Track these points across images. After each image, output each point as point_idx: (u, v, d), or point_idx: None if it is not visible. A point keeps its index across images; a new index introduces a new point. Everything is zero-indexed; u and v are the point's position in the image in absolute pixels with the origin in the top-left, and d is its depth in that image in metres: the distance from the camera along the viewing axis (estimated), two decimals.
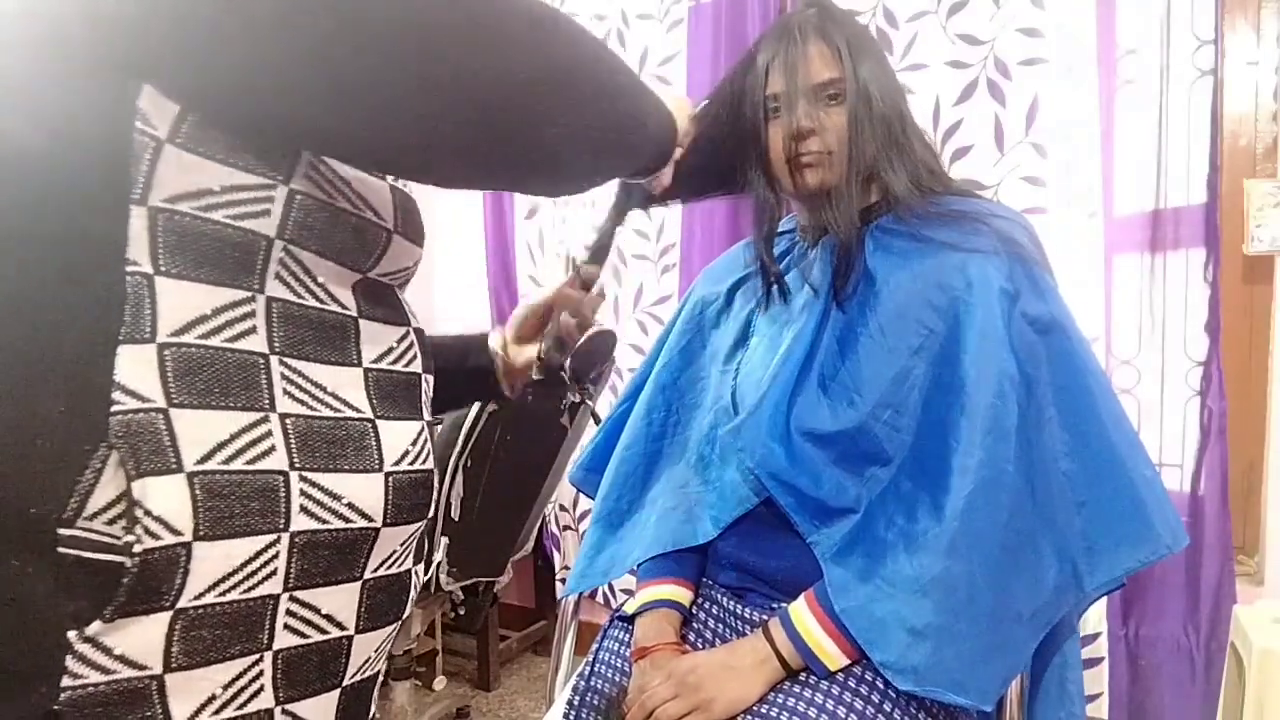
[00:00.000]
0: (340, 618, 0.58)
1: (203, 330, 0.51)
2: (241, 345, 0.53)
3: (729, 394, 0.97)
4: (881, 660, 0.78)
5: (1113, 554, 0.82)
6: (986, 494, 0.79)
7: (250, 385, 0.53)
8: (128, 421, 0.48)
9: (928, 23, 1.79)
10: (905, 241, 0.89)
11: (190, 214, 0.50)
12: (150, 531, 0.48)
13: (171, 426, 0.49)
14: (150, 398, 0.49)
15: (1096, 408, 0.84)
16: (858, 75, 0.88)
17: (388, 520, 0.60)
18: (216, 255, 0.52)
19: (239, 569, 0.52)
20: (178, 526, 0.49)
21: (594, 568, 1.06)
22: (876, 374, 0.86)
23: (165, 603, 0.49)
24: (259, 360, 0.54)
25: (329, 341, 0.58)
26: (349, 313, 0.60)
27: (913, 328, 0.86)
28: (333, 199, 0.57)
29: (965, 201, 0.92)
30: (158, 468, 0.48)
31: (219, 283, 0.52)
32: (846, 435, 0.86)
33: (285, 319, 0.55)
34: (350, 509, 0.57)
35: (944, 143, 1.78)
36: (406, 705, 1.96)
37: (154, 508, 0.48)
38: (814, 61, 0.89)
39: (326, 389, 0.58)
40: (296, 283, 0.56)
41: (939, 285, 0.86)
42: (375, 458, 0.59)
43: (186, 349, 0.51)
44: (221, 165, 0.51)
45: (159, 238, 0.50)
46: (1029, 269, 0.86)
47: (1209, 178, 1.58)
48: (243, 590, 0.52)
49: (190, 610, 0.50)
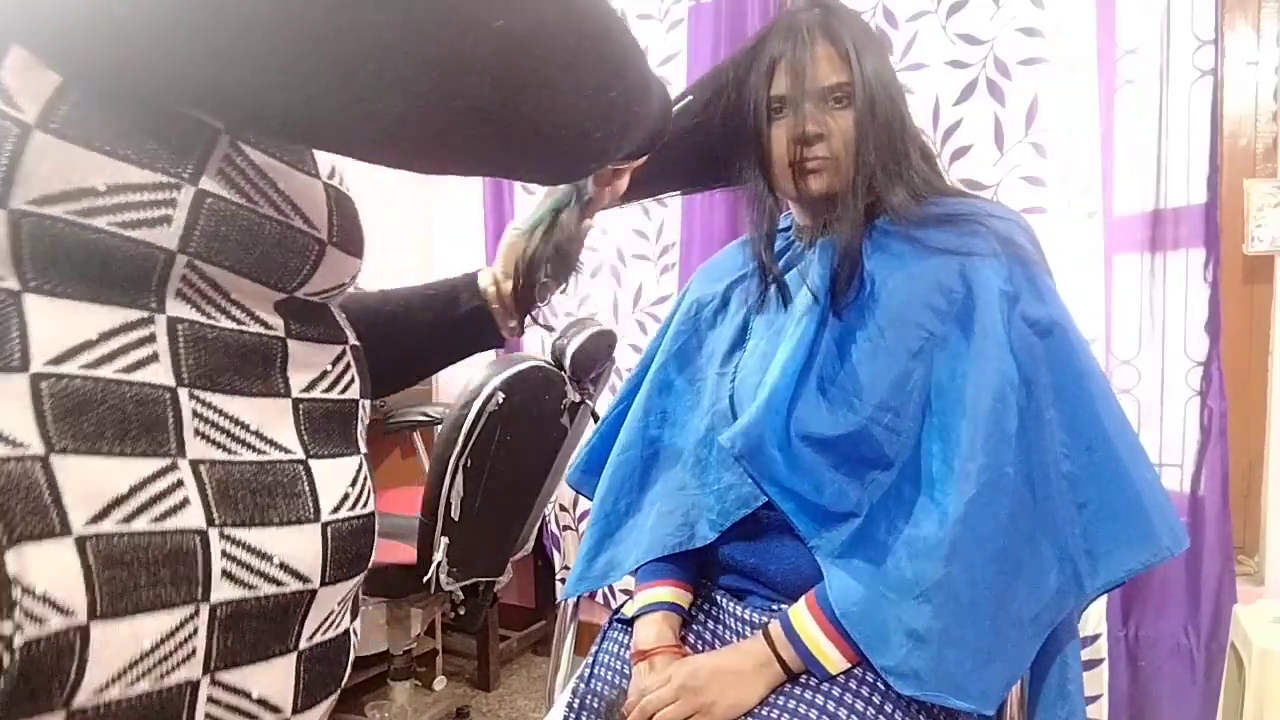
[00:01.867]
0: (275, 700, 0.49)
1: (88, 359, 0.42)
2: (139, 376, 0.43)
3: (727, 398, 0.96)
4: (883, 664, 0.78)
5: (1114, 556, 0.82)
6: (987, 498, 0.78)
7: (153, 426, 0.44)
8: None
9: (927, 22, 1.78)
10: (903, 243, 0.89)
11: (66, 220, 0.41)
12: (32, 615, 0.38)
13: (53, 478, 0.39)
14: (23, 442, 0.39)
15: (1096, 410, 0.84)
16: (865, 79, 0.87)
17: (326, 579, 0.51)
18: (100, 270, 0.42)
19: (149, 652, 0.42)
20: (67, 605, 0.39)
21: (591, 571, 1.05)
22: (876, 377, 0.85)
23: (55, 701, 0.39)
24: (163, 395, 0.44)
25: (249, 369, 0.49)
26: (274, 333, 0.50)
27: (912, 330, 0.85)
28: (253, 203, 0.47)
29: (963, 203, 0.92)
30: (37, 531, 0.38)
31: (106, 301, 0.43)
32: (847, 439, 0.86)
33: (194, 343, 0.46)
34: (282, 570, 0.48)
35: (944, 143, 1.78)
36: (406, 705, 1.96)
37: (35, 583, 0.38)
38: (822, 64, 0.88)
39: (249, 427, 0.48)
40: (205, 301, 0.46)
41: (938, 287, 0.85)
42: (310, 506, 0.50)
43: (68, 381, 0.41)
44: (108, 158, 0.41)
45: (24, 246, 0.40)
46: (1028, 270, 0.86)
47: (1209, 178, 1.58)
48: (154, 679, 0.43)
49: (90, 710, 0.41)
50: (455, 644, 2.44)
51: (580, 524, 2.37)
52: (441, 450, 1.72)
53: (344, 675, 0.55)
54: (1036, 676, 0.88)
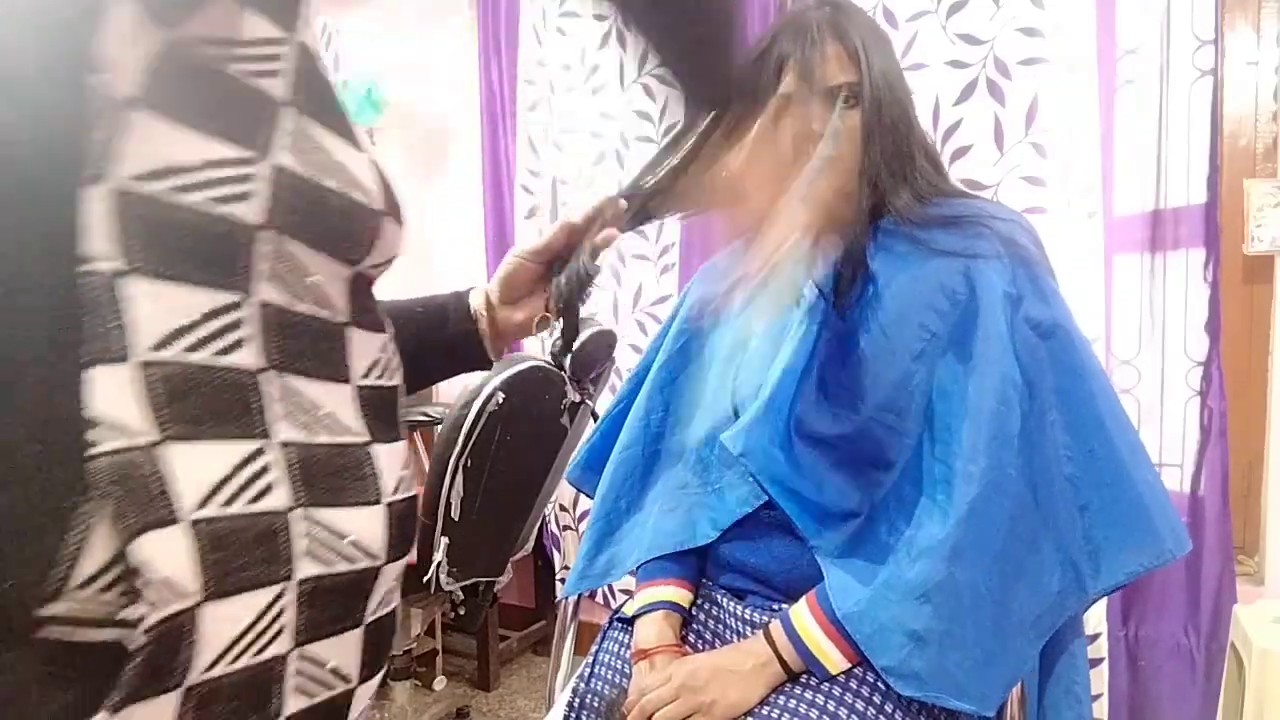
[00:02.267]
0: (345, 670, 0.52)
1: (189, 342, 0.42)
2: (232, 359, 0.44)
3: (729, 397, 0.96)
4: (883, 665, 0.78)
5: (1116, 558, 0.82)
6: (989, 499, 0.78)
7: (245, 409, 0.45)
8: (114, 464, 0.39)
9: (928, 22, 1.79)
10: (907, 244, 0.89)
11: (160, 196, 0.41)
12: (157, 599, 0.40)
13: (164, 465, 0.41)
14: (137, 431, 0.40)
15: (1099, 412, 0.84)
16: (873, 79, 0.87)
17: (389, 556, 0.53)
18: (193, 248, 0.42)
19: (248, 630, 0.44)
20: (184, 588, 0.41)
21: (593, 569, 1.05)
22: (878, 377, 0.85)
23: (174, 681, 0.41)
24: (253, 378, 0.45)
25: (321, 354, 0.50)
26: (339, 319, 0.52)
27: (914, 331, 0.85)
28: (317, 175, 0.48)
29: (967, 204, 0.92)
30: (156, 519, 0.40)
31: (201, 283, 0.43)
32: (848, 439, 0.86)
33: (279, 327, 0.47)
34: (355, 547, 0.50)
35: (944, 143, 1.78)
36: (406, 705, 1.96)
37: (158, 569, 0.40)
38: (831, 63, 0.88)
39: (324, 410, 0.50)
40: (288, 283, 0.48)
41: (941, 289, 0.85)
42: (375, 488, 0.52)
43: (173, 367, 0.41)
44: (197, 133, 0.42)
45: (126, 227, 0.40)
46: (1032, 272, 0.86)
47: (1209, 178, 1.58)
48: (253, 654, 0.45)
49: (201, 686, 0.42)
50: (455, 644, 2.44)
51: (580, 524, 2.37)
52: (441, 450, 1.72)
53: (390, 650, 0.57)
54: (1043, 677, 0.88)
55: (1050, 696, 0.87)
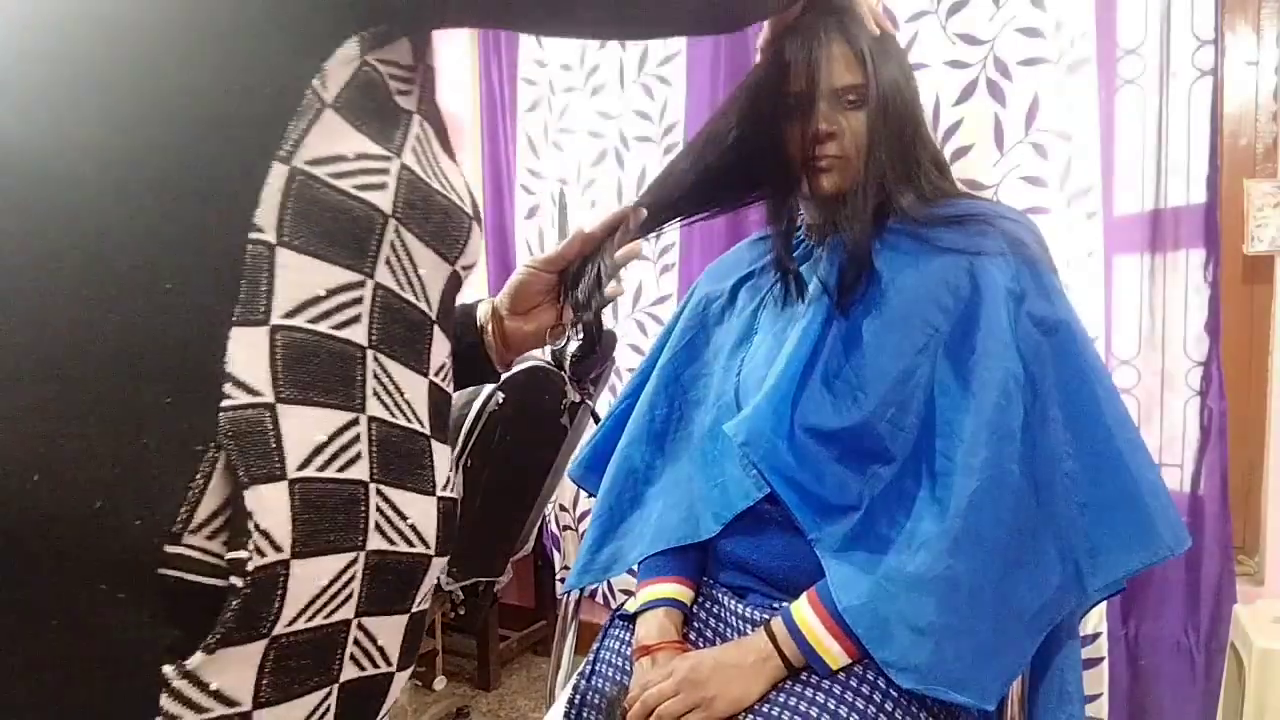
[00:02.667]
0: (389, 652, 0.54)
1: (314, 313, 0.46)
2: (345, 334, 0.48)
3: (732, 390, 0.96)
4: (884, 658, 0.78)
5: (1115, 555, 0.82)
6: (990, 493, 0.79)
7: (348, 381, 0.48)
8: (237, 418, 0.42)
9: (928, 22, 1.79)
10: (912, 242, 0.90)
11: (323, 179, 0.47)
12: (258, 548, 0.42)
13: (278, 425, 0.44)
14: (260, 390, 0.43)
15: (1100, 409, 0.84)
16: (880, 82, 0.88)
17: (438, 549, 0.55)
18: (335, 229, 0.47)
19: (324, 590, 0.46)
20: (280, 542, 0.43)
21: (595, 564, 1.05)
22: (881, 372, 0.86)
23: (263, 630, 0.43)
24: (358, 352, 0.49)
25: (412, 343, 0.54)
26: (430, 314, 0.55)
27: (918, 327, 0.86)
28: (428, 177, 0.53)
29: (973, 204, 0.93)
30: (265, 474, 0.43)
31: (336, 261, 0.47)
32: (850, 432, 0.86)
33: (386, 311, 0.51)
34: (413, 531, 0.52)
35: (944, 143, 1.78)
36: (406, 705, 1.96)
37: (261, 520, 0.42)
38: (837, 63, 0.88)
39: (404, 394, 0.53)
40: (401, 271, 0.52)
41: (945, 285, 0.86)
42: (431, 479, 0.54)
43: (297, 334, 0.45)
44: (357, 132, 0.48)
45: (290, 202, 0.45)
46: (1035, 270, 0.86)
47: (1209, 178, 1.58)
48: (325, 615, 0.47)
49: (283, 638, 0.45)
50: (455, 644, 2.44)
51: (580, 524, 2.37)
52: None
53: (419, 647, 0.59)
54: (1036, 676, 0.88)
55: (1043, 695, 0.87)
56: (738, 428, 0.88)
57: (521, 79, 2.38)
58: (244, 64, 0.45)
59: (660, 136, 2.15)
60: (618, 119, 2.21)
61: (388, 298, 0.51)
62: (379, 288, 0.50)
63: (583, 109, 2.25)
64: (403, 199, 0.50)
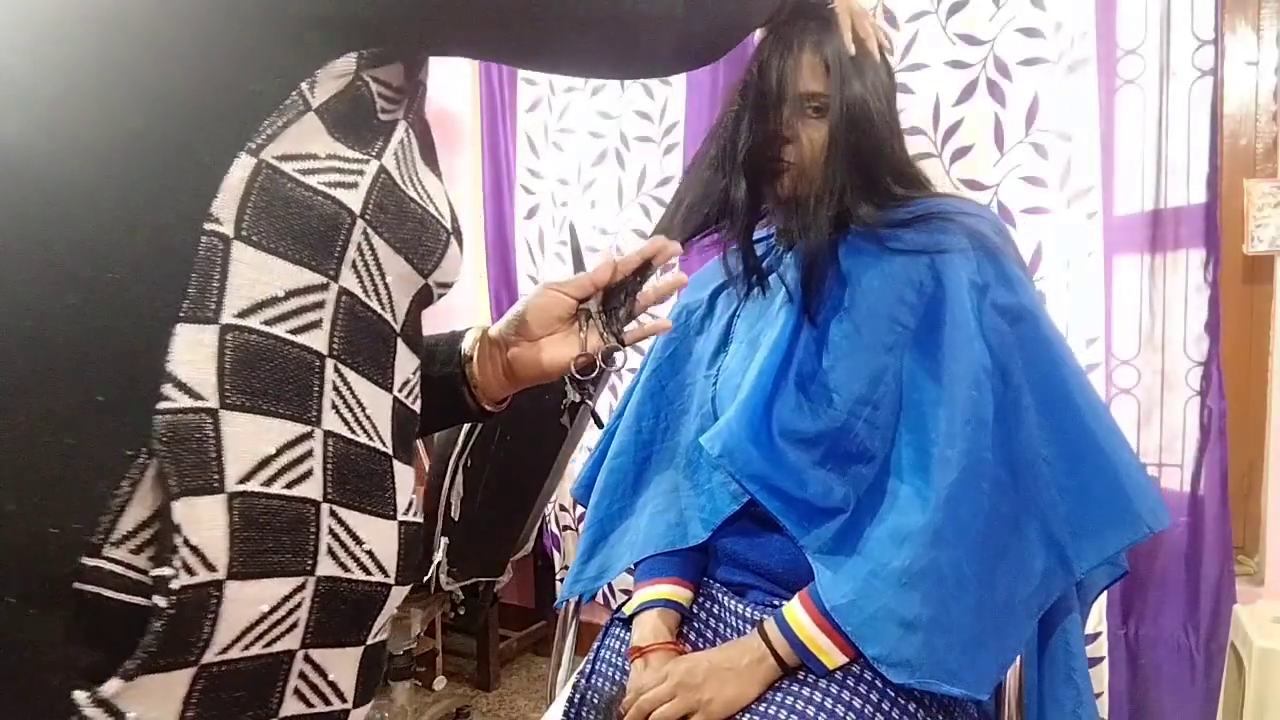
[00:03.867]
0: (343, 686, 0.50)
1: (271, 314, 0.43)
2: (302, 340, 0.45)
3: (710, 399, 0.98)
4: (874, 654, 0.78)
5: (1097, 537, 0.83)
6: (968, 483, 0.79)
7: (303, 390, 0.44)
8: (174, 423, 0.39)
9: (927, 23, 1.78)
10: (874, 245, 0.91)
11: (290, 174, 0.44)
12: (187, 565, 0.39)
13: (220, 433, 0.40)
14: (203, 394, 0.40)
15: (1071, 394, 0.85)
16: (844, 95, 0.88)
17: (398, 577, 0.51)
18: (300, 226, 0.45)
19: (264, 616, 0.43)
20: (214, 560, 0.40)
21: (585, 573, 1.07)
22: (854, 373, 0.87)
23: (191, 656, 0.40)
24: (316, 361, 0.45)
25: (375, 355, 0.50)
26: (394, 326, 0.52)
27: (886, 325, 0.87)
28: (405, 185, 0.51)
29: (930, 202, 0.93)
30: (200, 485, 0.39)
31: (298, 260, 0.44)
32: (829, 435, 0.87)
33: (350, 318, 0.48)
34: (370, 558, 0.48)
35: (944, 143, 1.78)
36: (406, 705, 1.96)
37: (191, 535, 0.39)
38: (803, 71, 0.90)
39: (366, 409, 0.49)
40: (368, 277, 0.49)
41: (909, 283, 0.87)
42: (392, 503, 0.50)
43: (250, 336, 0.42)
44: (331, 135, 0.47)
45: (252, 195, 0.43)
46: (996, 261, 0.87)
47: (1209, 177, 1.58)
48: (265, 644, 0.43)
49: (215, 667, 0.41)
50: (455, 644, 2.44)
51: (580, 524, 2.37)
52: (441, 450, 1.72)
53: (377, 682, 0.55)
54: (1041, 667, 0.88)
55: (1048, 684, 0.87)
56: (713, 440, 0.89)
57: (522, 79, 2.38)
58: (231, 60, 0.43)
59: (660, 136, 2.15)
60: (618, 119, 2.21)
61: (352, 304, 0.48)
62: (343, 292, 0.47)
63: (583, 109, 2.25)
64: (374, 201, 0.48)
